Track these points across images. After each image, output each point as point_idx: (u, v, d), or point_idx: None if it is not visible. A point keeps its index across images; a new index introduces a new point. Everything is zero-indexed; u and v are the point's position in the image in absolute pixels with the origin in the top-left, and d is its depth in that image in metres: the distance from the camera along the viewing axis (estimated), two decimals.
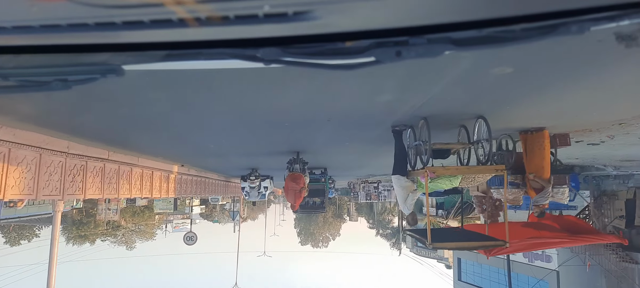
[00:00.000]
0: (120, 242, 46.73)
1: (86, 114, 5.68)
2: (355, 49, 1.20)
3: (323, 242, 69.87)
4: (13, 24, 1.13)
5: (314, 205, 16.09)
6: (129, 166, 10.91)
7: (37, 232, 43.07)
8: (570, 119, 6.25)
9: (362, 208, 65.08)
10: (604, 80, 4.14)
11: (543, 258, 21.47)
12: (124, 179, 10.64)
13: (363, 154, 12.42)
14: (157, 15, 1.09)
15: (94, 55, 1.28)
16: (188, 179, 16.38)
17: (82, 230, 42.16)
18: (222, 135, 7.93)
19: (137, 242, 47.89)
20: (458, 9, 1.13)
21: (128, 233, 46.63)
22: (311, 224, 69.44)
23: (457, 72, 3.85)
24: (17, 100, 4.84)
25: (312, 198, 15.85)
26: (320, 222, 68.16)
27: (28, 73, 1.42)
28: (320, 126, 7.02)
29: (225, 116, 5.98)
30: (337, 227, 72.03)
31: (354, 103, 5.25)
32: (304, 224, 70.56)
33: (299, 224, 72.12)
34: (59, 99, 4.68)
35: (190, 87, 4.37)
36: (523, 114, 5.85)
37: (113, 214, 39.53)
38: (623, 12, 1.09)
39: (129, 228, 46.44)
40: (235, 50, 1.23)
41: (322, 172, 15.06)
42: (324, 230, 70.14)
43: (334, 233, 71.34)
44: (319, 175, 15.18)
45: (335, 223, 71.49)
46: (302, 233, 71.01)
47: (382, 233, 57.06)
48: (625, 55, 3.26)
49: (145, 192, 11.98)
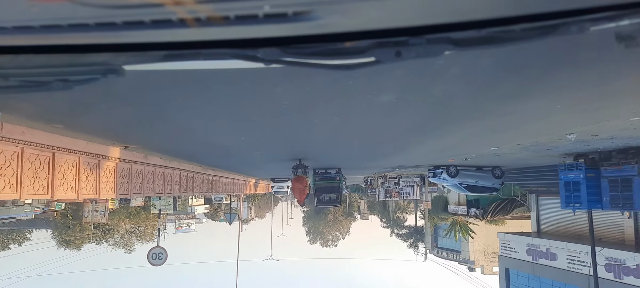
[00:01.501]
0: (118, 245, 43.93)
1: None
2: (355, 49, 1.20)
3: (333, 241, 67.66)
4: (13, 24, 1.13)
5: (330, 200, 17.79)
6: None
7: (28, 235, 40.39)
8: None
9: (375, 207, 60.96)
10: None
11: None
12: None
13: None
14: (158, 16, 1.09)
15: (95, 55, 1.28)
16: (175, 175, 14.02)
17: (67, 235, 38.23)
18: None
19: (136, 244, 44.71)
20: (458, 9, 1.13)
21: (126, 236, 43.83)
22: (320, 223, 66.93)
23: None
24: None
25: (328, 194, 17.45)
26: (330, 220, 65.88)
27: (28, 73, 1.42)
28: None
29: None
30: (347, 226, 69.51)
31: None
32: (312, 223, 68.20)
33: (307, 222, 69.71)
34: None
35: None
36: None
37: (100, 216, 35.23)
38: (623, 12, 1.09)
39: (128, 230, 43.58)
40: (236, 50, 1.24)
41: (337, 171, 16.94)
42: (333, 229, 67.85)
43: (344, 232, 68.49)
44: (334, 174, 16.92)
45: (345, 221, 68.93)
46: (311, 232, 68.63)
47: (398, 233, 52.85)
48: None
49: (88, 190, 8.91)
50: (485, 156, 14.37)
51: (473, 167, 18.56)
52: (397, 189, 28.12)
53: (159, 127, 7.15)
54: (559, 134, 8.74)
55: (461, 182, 19.24)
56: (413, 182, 28.18)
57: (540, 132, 8.58)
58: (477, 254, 32.47)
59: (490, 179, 19.16)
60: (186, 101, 4.92)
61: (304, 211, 68.56)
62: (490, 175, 18.98)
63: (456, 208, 31.68)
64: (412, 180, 28.05)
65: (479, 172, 18.77)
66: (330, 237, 67.54)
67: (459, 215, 31.34)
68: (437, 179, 20.10)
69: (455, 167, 18.46)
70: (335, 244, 67.62)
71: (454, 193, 30.99)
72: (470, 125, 7.33)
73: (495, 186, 20.05)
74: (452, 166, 18.42)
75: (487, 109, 5.94)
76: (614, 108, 6.10)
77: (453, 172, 18.52)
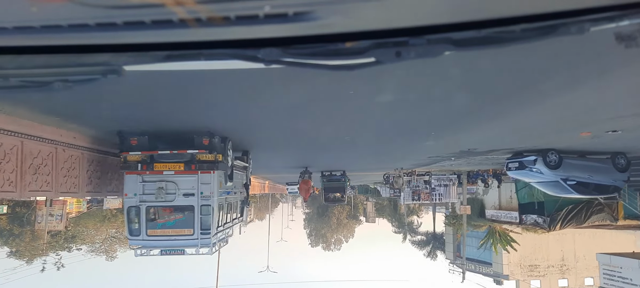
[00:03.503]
0: (98, 251, 35.19)
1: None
2: (356, 50, 1.20)
3: (336, 244, 62.61)
4: (14, 25, 1.13)
5: (335, 198, 20.43)
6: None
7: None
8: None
9: (384, 209, 55.03)
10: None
11: None
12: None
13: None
14: (158, 16, 1.09)
15: (95, 55, 1.28)
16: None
17: (12, 245, 29.52)
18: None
19: (118, 251, 35.26)
20: (458, 9, 1.13)
21: (108, 242, 34.40)
22: (323, 226, 61.73)
23: None
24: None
25: (334, 193, 20.04)
26: (333, 224, 61.07)
27: (29, 73, 1.42)
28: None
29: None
30: (351, 229, 63.68)
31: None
32: (314, 225, 63.44)
33: (309, 224, 64.91)
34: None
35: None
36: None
37: (56, 222, 28.27)
38: (623, 12, 1.09)
39: (109, 235, 34.25)
40: (236, 50, 1.24)
41: (342, 173, 19.31)
42: (337, 232, 62.20)
43: (347, 235, 62.93)
44: (340, 176, 19.34)
45: (350, 224, 63.30)
46: (313, 234, 63.26)
47: (413, 240, 45.26)
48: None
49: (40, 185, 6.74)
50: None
51: (584, 155, 12.65)
52: (427, 190, 21.88)
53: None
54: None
55: (566, 176, 12.65)
56: (448, 180, 22.27)
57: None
58: (513, 267, 27.12)
59: (611, 173, 12.73)
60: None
61: (306, 213, 66.63)
62: (610, 167, 12.55)
63: (497, 214, 25.10)
64: (446, 178, 22.11)
65: (595, 162, 12.59)
66: (332, 239, 63.04)
67: (501, 222, 24.69)
68: (522, 173, 13.54)
69: (556, 154, 12.22)
70: (338, 248, 62.80)
71: (493, 195, 25.35)
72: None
73: (617, 184, 13.26)
74: (552, 152, 12.17)
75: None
76: None
77: (554, 161, 12.21)
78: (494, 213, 25.37)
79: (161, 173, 7.41)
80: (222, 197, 8.29)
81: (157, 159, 7.39)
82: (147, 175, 7.42)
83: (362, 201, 63.79)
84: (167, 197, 7.42)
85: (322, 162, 16.25)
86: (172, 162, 7.38)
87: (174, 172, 7.40)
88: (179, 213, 7.74)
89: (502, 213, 24.34)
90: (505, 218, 24.02)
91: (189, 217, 7.63)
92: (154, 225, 7.62)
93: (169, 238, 7.75)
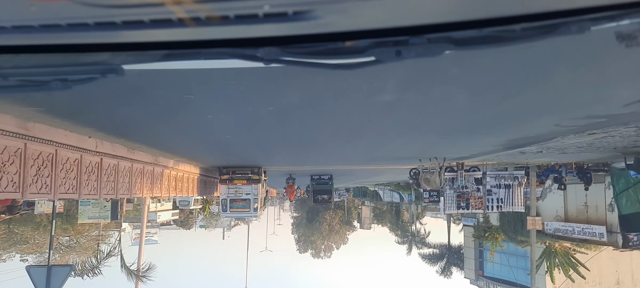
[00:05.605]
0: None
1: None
2: (355, 49, 1.20)
3: (326, 251, 58.86)
4: (13, 24, 1.13)
5: (323, 200, 22.46)
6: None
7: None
8: None
9: (383, 215, 49.85)
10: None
11: None
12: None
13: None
14: (157, 15, 1.09)
15: (94, 55, 1.28)
16: (126, 169, 9.40)
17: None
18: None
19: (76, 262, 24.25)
20: (458, 9, 1.13)
21: (61, 250, 25.41)
22: (314, 232, 58.11)
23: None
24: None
25: (322, 195, 22.05)
26: (325, 230, 57.17)
27: (28, 73, 1.42)
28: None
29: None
30: (344, 236, 59.44)
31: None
32: (303, 230, 60.04)
33: (297, 229, 61.59)
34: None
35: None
36: None
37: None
38: (623, 12, 1.09)
39: (61, 243, 25.34)
40: (235, 49, 1.24)
41: (329, 177, 21.32)
42: (328, 239, 58.36)
43: (338, 242, 58.92)
44: (327, 179, 21.36)
45: (342, 231, 58.87)
46: (301, 240, 59.77)
47: (422, 253, 38.32)
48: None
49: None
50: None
51: None
52: (480, 192, 14.56)
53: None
54: None
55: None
56: (512, 179, 14.69)
57: None
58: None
59: None
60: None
61: (294, 217, 64.35)
62: None
63: (565, 228, 19.04)
64: (510, 176, 14.73)
65: None
66: (323, 246, 58.95)
67: (573, 239, 18.92)
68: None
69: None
70: (328, 255, 59.12)
71: (554, 202, 19.79)
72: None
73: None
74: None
75: None
76: None
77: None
78: (559, 226, 19.48)
79: (236, 185, 15.24)
80: (259, 196, 15.87)
81: (234, 178, 15.16)
82: (230, 185, 15.24)
83: (357, 205, 58.37)
84: (238, 195, 15.38)
85: (321, 162, 16.85)
86: (240, 179, 15.13)
87: (241, 184, 15.20)
88: (243, 202, 15.51)
89: (575, 227, 18.67)
90: (581, 234, 18.34)
91: (247, 204, 15.53)
92: (233, 206, 15.58)
93: (239, 213, 16.00)
